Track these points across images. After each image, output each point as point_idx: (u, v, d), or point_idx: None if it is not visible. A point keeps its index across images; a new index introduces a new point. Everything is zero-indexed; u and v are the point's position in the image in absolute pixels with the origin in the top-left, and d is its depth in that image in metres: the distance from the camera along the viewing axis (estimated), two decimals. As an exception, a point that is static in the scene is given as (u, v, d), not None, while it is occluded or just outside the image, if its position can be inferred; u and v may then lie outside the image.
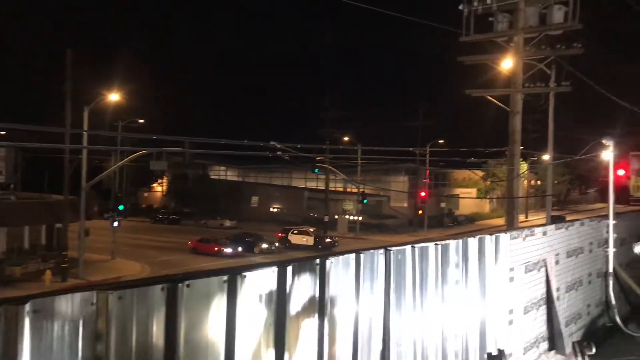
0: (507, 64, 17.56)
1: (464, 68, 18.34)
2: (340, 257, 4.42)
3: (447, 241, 5.78)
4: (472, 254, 6.17)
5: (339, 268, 4.36)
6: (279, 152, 17.89)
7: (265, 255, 33.47)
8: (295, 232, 38.35)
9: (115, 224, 31.64)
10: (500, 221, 41.77)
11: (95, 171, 32.55)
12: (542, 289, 7.72)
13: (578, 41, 17.67)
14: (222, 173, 65.30)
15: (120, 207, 33.84)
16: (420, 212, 45.18)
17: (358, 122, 54.89)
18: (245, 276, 3.58)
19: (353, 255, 4.55)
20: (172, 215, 52.64)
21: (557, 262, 8.17)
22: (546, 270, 7.78)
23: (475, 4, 16.98)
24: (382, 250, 4.86)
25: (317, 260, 4.21)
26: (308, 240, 37.31)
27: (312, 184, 53.40)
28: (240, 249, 34.09)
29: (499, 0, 16.80)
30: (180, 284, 3.17)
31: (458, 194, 52.91)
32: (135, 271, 28.78)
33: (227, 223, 47.29)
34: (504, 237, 6.79)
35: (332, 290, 4.26)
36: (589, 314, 9.65)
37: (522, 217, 49.43)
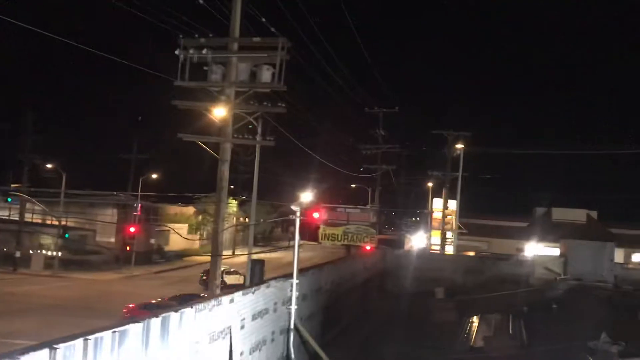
0: (219, 113, 18.08)
1: (185, 111, 18.39)
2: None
3: (127, 326, 5.50)
4: (154, 334, 6.00)
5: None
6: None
7: None
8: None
9: None
10: (209, 258, 42.67)
11: None
12: (225, 357, 7.95)
13: (284, 100, 19.31)
14: None
15: None
16: (128, 248, 43.40)
17: (68, 151, 50.52)
18: None
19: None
20: None
21: (242, 327, 8.55)
22: (230, 337, 8.05)
23: (191, 51, 17.25)
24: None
25: None
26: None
27: (2, 213, 47.19)
28: None
29: (214, 52, 17.34)
30: None
31: (169, 229, 52.43)
32: None
33: None
34: (189, 311, 6.80)
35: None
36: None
37: (230, 253, 51.19)
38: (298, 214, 10.38)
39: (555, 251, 32.73)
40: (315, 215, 33.59)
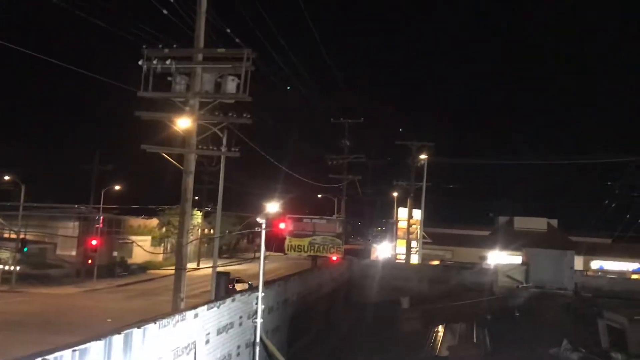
0: (183, 124, 17.88)
1: (149, 122, 18.14)
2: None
3: (88, 344, 5.36)
4: (117, 352, 5.86)
5: None
6: None
7: None
8: None
9: None
10: (173, 270, 42.07)
11: None
12: (190, 373, 7.82)
13: (249, 111, 19.24)
14: None
15: None
16: (89, 261, 42.40)
17: (28, 161, 49.28)
18: None
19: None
20: None
21: (207, 342, 8.43)
22: (195, 352, 7.93)
23: (155, 62, 17.06)
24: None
25: None
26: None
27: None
28: None
29: (178, 63, 17.19)
30: None
31: (132, 241, 51.52)
32: None
33: None
34: (153, 327, 6.67)
35: None
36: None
37: (194, 265, 50.54)
38: (264, 225, 10.33)
39: (517, 259, 33.34)
40: (282, 226, 33.50)
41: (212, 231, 56.55)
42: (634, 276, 46.11)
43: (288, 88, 30.03)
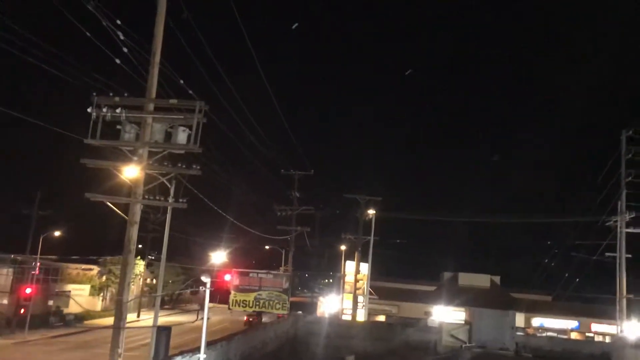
0: (131, 173, 17.58)
1: (95, 169, 17.74)
2: None
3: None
4: None
5: None
6: None
7: None
8: None
9: None
10: (111, 320, 40.44)
11: None
12: None
13: (199, 162, 19.09)
14: None
15: None
16: (22, 310, 40.24)
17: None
18: None
19: None
20: None
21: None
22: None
23: (105, 110, 16.89)
24: None
25: None
26: None
27: None
28: None
29: (129, 111, 17.06)
30: None
31: (69, 290, 49.43)
32: None
33: None
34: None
35: None
36: None
37: (135, 316, 48.71)
38: (208, 284, 10.13)
39: (462, 315, 33.70)
40: (227, 277, 32.88)
41: (154, 280, 54.94)
42: (573, 334, 47.23)
43: (239, 139, 30.10)
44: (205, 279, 10.15)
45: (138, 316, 49.81)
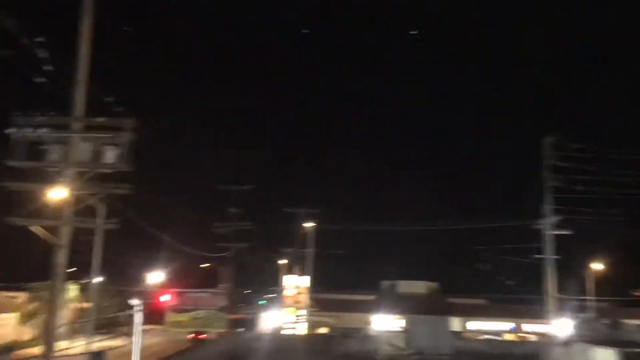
0: (58, 194, 17.01)
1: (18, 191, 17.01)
2: None
3: None
4: None
5: None
6: None
7: None
8: None
9: None
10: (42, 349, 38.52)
11: None
12: None
13: (130, 180, 18.65)
14: None
15: None
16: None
17: None
18: None
19: None
20: None
21: None
22: None
23: (28, 130, 16.32)
24: None
25: None
26: None
27: None
28: None
29: (53, 131, 16.53)
30: None
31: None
32: None
33: None
34: None
35: None
36: None
37: (67, 343, 46.59)
38: (137, 308, 9.91)
39: (402, 323, 34.25)
40: (163, 298, 32.12)
41: (90, 304, 52.87)
42: (508, 336, 48.85)
43: (174, 154, 29.68)
44: (135, 301, 9.93)
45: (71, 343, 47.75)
